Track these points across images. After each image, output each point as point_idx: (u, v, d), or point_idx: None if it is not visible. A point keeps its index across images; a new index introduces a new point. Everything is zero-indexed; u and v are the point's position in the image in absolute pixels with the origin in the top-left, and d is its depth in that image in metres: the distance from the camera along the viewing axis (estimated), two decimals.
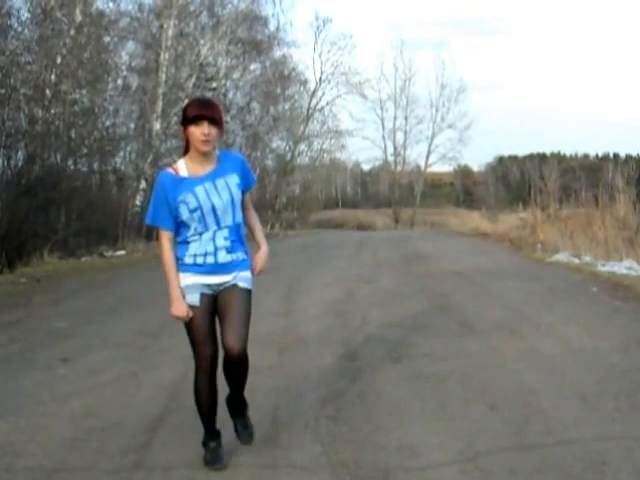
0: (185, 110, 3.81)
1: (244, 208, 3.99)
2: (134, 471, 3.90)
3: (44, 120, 17.82)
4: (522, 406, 4.89)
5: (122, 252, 17.74)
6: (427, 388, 5.38)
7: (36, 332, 7.61)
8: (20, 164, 17.02)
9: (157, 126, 24.52)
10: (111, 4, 22.93)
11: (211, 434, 4.04)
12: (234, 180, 3.87)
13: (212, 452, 4.00)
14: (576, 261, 13.47)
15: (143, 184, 23.77)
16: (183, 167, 3.84)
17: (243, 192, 3.94)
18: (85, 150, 21.23)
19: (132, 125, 24.74)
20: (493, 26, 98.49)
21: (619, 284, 10.29)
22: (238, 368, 3.91)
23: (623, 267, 12.05)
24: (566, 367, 5.89)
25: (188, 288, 3.81)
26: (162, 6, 25.64)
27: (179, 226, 3.84)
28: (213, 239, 3.81)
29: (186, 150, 3.89)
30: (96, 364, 6.18)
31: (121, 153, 24.02)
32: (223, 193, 3.81)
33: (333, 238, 26.24)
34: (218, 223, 3.81)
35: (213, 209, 3.78)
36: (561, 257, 14.09)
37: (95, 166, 22.42)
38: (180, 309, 3.77)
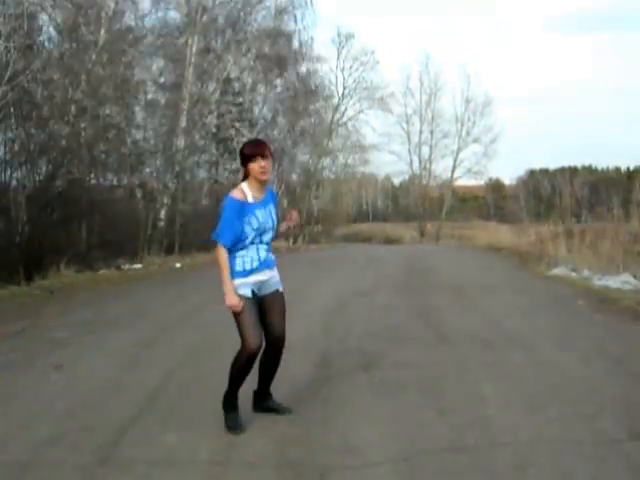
0: (242, 151, 4.83)
1: None
2: (99, 467, 4.28)
3: (68, 136, 18.30)
4: (469, 412, 5.22)
5: (139, 265, 18.19)
6: (386, 395, 5.73)
7: (38, 341, 8.06)
8: (42, 179, 17.52)
9: (181, 141, 24.93)
10: (137, 21, 23.51)
11: (234, 405, 4.93)
12: (273, 209, 4.91)
13: (234, 420, 4.88)
14: (573, 275, 13.73)
15: (166, 199, 24.23)
16: (248, 192, 4.79)
17: None
18: (110, 165, 21.72)
19: (158, 140, 25.18)
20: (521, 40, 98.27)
21: (607, 298, 10.58)
22: (280, 351, 5.01)
23: (619, 281, 12.29)
24: (523, 377, 6.22)
25: (241, 285, 4.74)
26: (186, 23, 26.16)
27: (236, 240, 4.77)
28: (257, 250, 4.83)
29: (244, 177, 4.87)
30: (86, 371, 6.62)
31: (147, 169, 24.40)
32: (268, 217, 4.84)
33: (351, 252, 26.59)
34: (261, 239, 4.84)
35: (265, 229, 4.82)
36: (560, 271, 14.36)
37: (115, 181, 22.83)
38: (233, 299, 4.68)
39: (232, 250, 4.78)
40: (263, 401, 5.23)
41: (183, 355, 7.29)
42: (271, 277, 4.95)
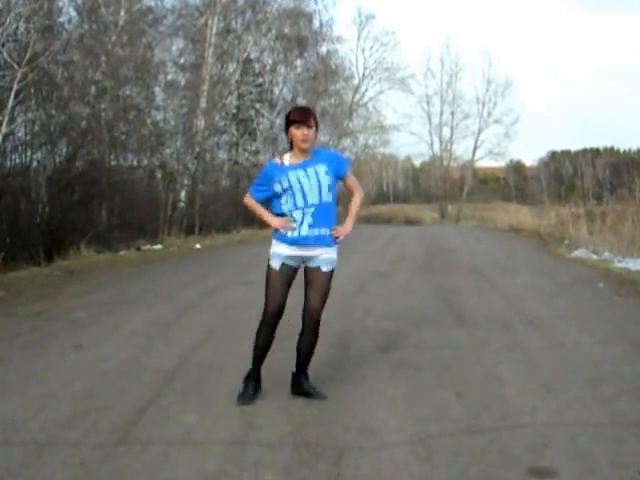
0: (288, 116, 4.87)
1: (349, 192, 5.19)
2: (117, 446, 4.29)
3: (88, 117, 18.35)
4: (486, 394, 5.20)
5: (159, 246, 18.23)
6: (404, 376, 5.72)
7: (58, 321, 8.09)
8: (63, 160, 17.59)
9: (201, 122, 24.91)
10: (157, 1, 23.44)
11: (254, 375, 5.10)
12: (322, 169, 4.82)
13: (246, 390, 5.03)
14: (594, 257, 13.65)
15: (186, 180, 24.25)
16: (287, 158, 4.87)
17: (337, 178, 4.96)
18: (130, 146, 21.76)
19: (178, 121, 25.17)
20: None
21: (627, 280, 10.50)
22: (314, 327, 5.14)
23: (639, 263, 12.19)
24: (542, 359, 6.19)
25: (275, 255, 4.91)
26: (206, 3, 26.09)
27: (273, 199, 4.91)
28: (302, 215, 4.80)
29: (290, 147, 4.89)
30: (105, 351, 6.64)
31: (167, 150, 24.40)
32: (312, 178, 4.78)
33: (371, 233, 26.45)
34: (306, 201, 4.79)
35: (301, 189, 4.76)
36: (580, 253, 14.28)
37: (135, 162, 22.87)
38: (278, 222, 4.86)
39: (276, 210, 4.92)
40: (299, 385, 5.24)
41: (201, 336, 7.29)
42: (318, 255, 4.94)
